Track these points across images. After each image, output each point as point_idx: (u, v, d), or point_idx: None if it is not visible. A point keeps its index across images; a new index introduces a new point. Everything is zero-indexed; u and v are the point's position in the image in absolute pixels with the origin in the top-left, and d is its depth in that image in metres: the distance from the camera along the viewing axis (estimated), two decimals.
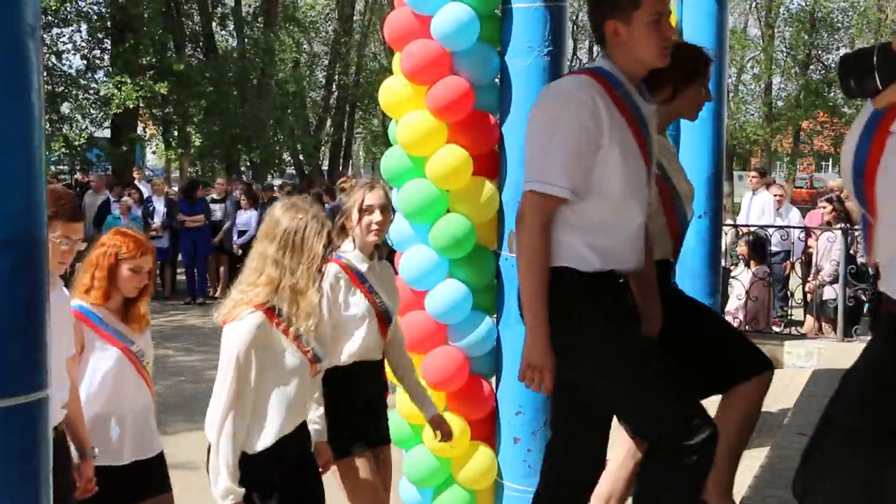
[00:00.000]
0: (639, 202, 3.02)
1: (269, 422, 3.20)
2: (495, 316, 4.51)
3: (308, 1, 32.90)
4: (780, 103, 33.99)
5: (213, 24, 25.09)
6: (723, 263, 8.12)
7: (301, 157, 28.91)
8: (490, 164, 4.46)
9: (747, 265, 9.28)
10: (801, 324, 9.85)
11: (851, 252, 8.77)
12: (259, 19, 25.17)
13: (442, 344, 4.48)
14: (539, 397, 4.36)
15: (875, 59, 2.23)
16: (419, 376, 4.28)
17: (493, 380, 4.54)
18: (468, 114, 4.37)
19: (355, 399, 3.89)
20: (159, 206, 14.65)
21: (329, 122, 31.25)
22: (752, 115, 34.28)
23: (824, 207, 10.00)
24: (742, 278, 8.90)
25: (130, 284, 3.61)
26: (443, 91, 4.31)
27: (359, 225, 3.91)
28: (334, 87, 30.45)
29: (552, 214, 2.93)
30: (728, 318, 8.67)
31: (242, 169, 25.89)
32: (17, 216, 1.71)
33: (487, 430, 4.48)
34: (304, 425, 3.41)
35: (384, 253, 4.16)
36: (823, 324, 9.31)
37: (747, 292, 8.59)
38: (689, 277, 6.98)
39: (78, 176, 18.23)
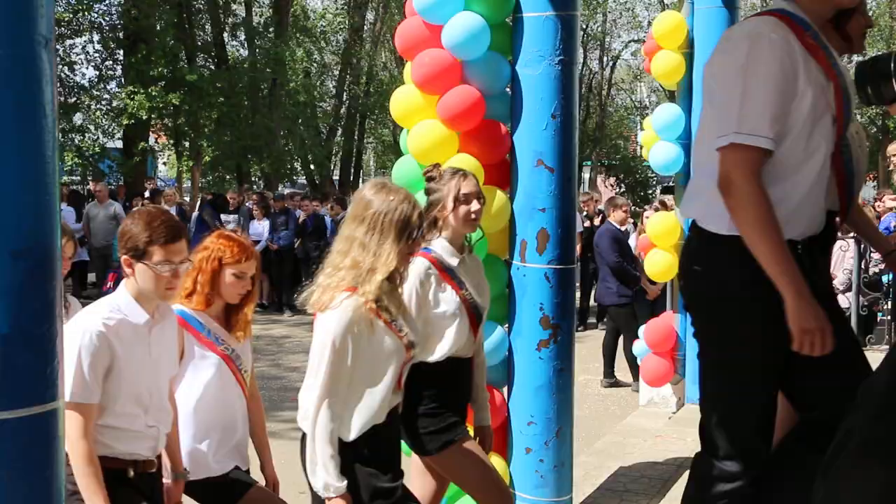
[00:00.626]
0: (825, 156, 2.74)
1: (363, 409, 3.06)
2: (507, 326, 4.50)
3: (319, 11, 33.03)
4: None
5: (225, 34, 25.20)
6: None
7: (312, 167, 28.96)
8: (501, 173, 4.46)
9: None
10: None
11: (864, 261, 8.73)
12: (270, 30, 25.26)
13: None
14: (551, 408, 4.35)
15: (892, 65, 2.21)
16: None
17: (505, 390, 4.52)
18: (479, 123, 4.37)
19: (445, 395, 3.68)
20: None
21: (340, 132, 31.31)
22: None
23: None
24: None
25: (233, 290, 3.49)
26: (454, 100, 4.31)
27: (454, 214, 3.66)
28: (345, 96, 30.52)
29: (759, 169, 2.62)
30: None
31: (253, 179, 25.95)
32: (30, 226, 1.72)
33: (499, 440, 4.46)
34: (397, 413, 3.26)
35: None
36: None
37: None
38: None
39: (91, 186, 18.30)
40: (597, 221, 13.30)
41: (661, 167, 7.10)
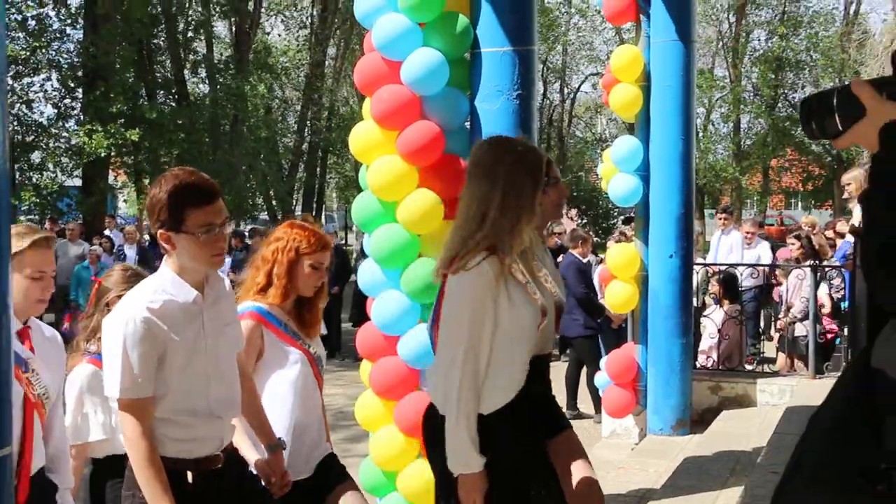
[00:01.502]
0: None
1: (503, 380, 2.81)
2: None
3: (280, 47, 33.10)
4: (748, 142, 34.46)
5: (185, 71, 25.16)
6: (694, 303, 8.13)
7: (274, 203, 28.90)
8: None
9: (719, 304, 9.32)
10: (773, 361, 9.89)
11: (826, 289, 8.84)
12: (231, 66, 25.27)
13: (414, 389, 4.45)
14: None
15: (835, 100, 2.24)
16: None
17: None
18: (439, 158, 4.39)
19: (530, 393, 3.16)
20: (131, 254, 14.56)
21: (301, 167, 31.30)
22: (722, 154, 34.69)
23: (793, 244, 10.08)
24: (714, 317, 8.94)
25: (310, 282, 3.32)
26: (413, 135, 4.33)
27: (548, 197, 3.19)
28: (307, 132, 30.54)
29: None
30: (701, 357, 8.68)
31: None
32: None
33: None
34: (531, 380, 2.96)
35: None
36: (796, 361, 9.35)
37: (720, 331, 8.61)
38: (660, 317, 7.00)
39: (47, 225, 18.03)
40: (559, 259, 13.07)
41: (620, 199, 7.16)
